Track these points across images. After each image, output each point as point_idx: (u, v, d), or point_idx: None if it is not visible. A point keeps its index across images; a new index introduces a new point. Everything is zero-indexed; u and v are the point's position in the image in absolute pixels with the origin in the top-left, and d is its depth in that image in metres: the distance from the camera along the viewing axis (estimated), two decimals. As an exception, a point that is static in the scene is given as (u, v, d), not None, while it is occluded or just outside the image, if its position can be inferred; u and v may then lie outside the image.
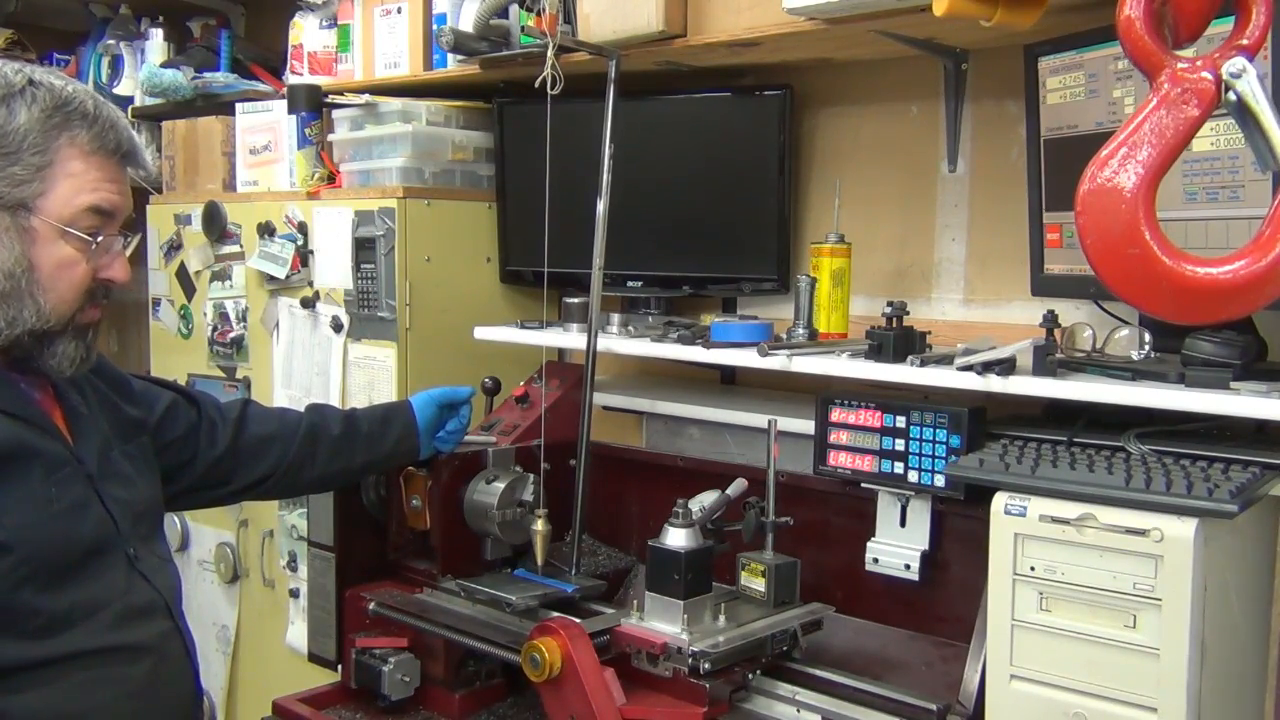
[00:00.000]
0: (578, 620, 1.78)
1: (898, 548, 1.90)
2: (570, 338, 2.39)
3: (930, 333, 1.96)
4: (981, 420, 1.80)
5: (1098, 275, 1.36)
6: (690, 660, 1.71)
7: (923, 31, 1.99)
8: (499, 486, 2.04)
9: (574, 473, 2.08)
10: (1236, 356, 1.59)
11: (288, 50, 2.99)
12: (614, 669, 1.74)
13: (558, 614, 1.87)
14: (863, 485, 1.92)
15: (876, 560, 1.91)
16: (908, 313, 1.92)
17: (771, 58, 2.28)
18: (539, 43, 2.19)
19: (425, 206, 2.59)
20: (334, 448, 1.93)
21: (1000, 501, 1.54)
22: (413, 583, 2.09)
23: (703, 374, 2.57)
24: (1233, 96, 1.30)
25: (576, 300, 2.41)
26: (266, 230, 2.79)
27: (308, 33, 2.92)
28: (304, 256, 2.73)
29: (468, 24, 2.43)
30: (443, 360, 2.58)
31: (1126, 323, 1.81)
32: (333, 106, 2.74)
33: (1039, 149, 1.91)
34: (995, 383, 1.73)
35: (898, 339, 1.88)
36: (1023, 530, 1.51)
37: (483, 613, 1.94)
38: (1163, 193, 1.34)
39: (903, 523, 1.90)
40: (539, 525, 1.98)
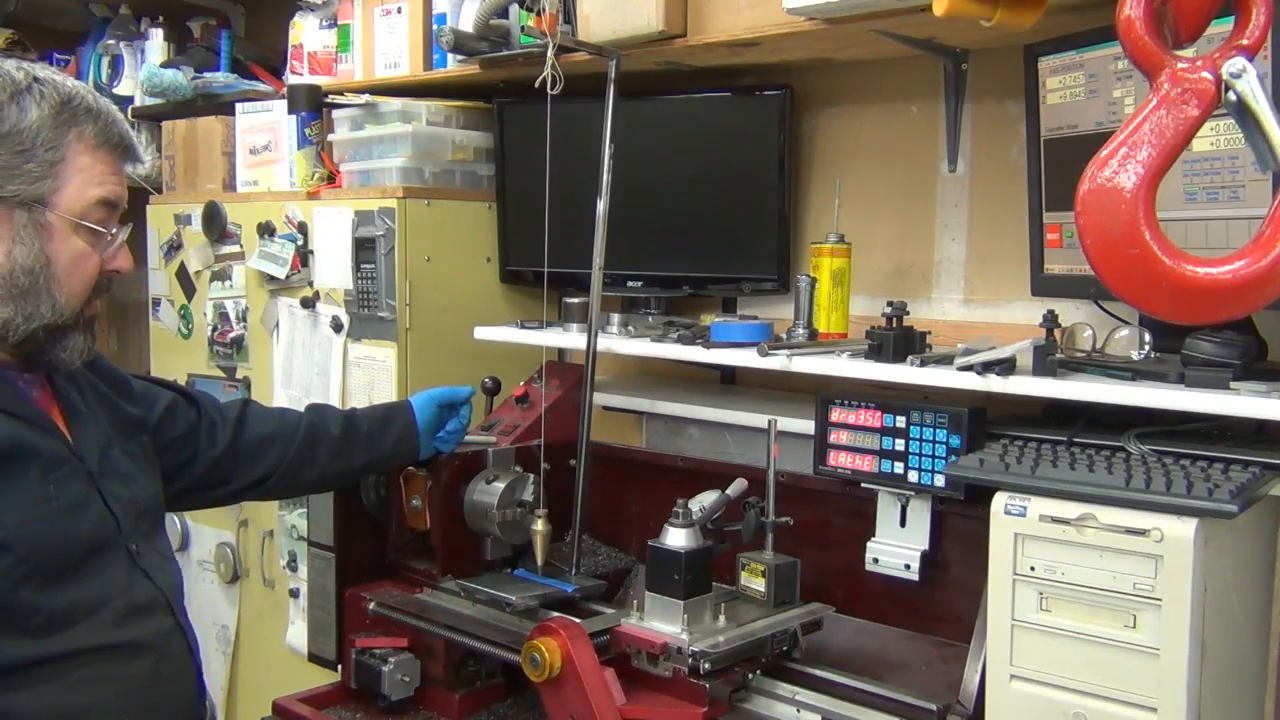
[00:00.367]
0: (578, 620, 1.78)
1: (898, 548, 1.90)
2: (570, 338, 2.39)
3: (930, 333, 1.96)
4: (981, 420, 1.80)
5: (1098, 275, 1.36)
6: (690, 660, 1.71)
7: (923, 31, 1.99)
8: (499, 486, 2.04)
9: (574, 473, 2.07)
10: (1236, 356, 1.59)
11: (288, 50, 2.99)
12: (614, 669, 1.74)
13: (558, 614, 1.87)
14: (863, 485, 1.92)
15: (876, 560, 1.91)
16: (908, 313, 1.92)
17: (771, 58, 2.28)
18: (539, 43, 2.20)
19: (425, 206, 2.59)
20: (334, 448, 1.93)
21: (1000, 501, 1.54)
22: (413, 583, 2.09)
23: (703, 374, 2.57)
24: (1233, 96, 1.30)
25: (576, 300, 2.41)
26: (266, 230, 2.79)
27: (308, 33, 2.92)
28: (304, 256, 2.74)
29: (468, 24, 2.43)
30: (443, 360, 2.58)
31: (1126, 323, 1.80)
32: (333, 106, 2.74)
33: (1039, 149, 1.91)
34: (995, 383, 1.73)
35: (898, 339, 1.88)
36: (1023, 530, 1.51)
37: (483, 613, 1.94)
38: (1163, 193, 1.34)
39: (903, 523, 1.90)
40: (539, 525, 1.98)
